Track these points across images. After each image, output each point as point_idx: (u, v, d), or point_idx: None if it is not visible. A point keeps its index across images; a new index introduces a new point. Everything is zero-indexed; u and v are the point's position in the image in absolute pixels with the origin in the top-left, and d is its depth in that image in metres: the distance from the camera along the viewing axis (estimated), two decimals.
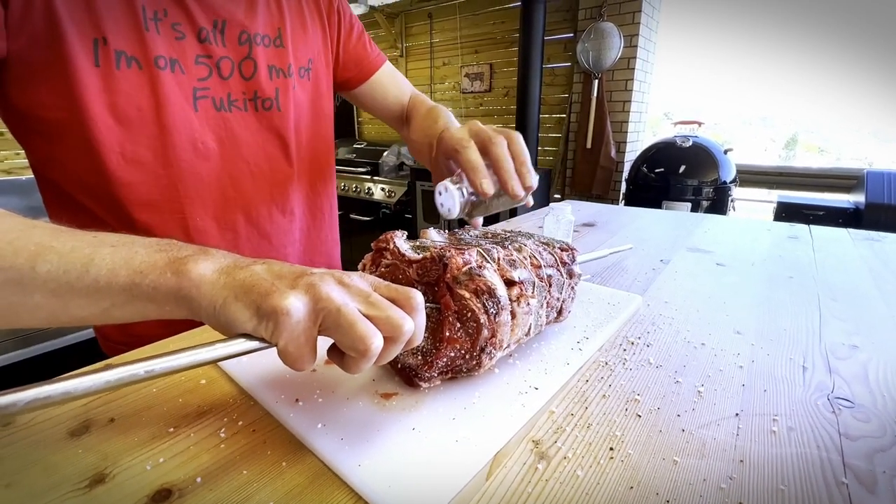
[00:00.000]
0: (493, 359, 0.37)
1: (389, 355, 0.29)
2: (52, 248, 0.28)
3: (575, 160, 2.86)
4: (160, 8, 0.48)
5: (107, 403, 0.38)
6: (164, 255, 0.29)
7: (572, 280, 0.46)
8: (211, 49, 0.52)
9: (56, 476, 0.30)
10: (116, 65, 0.45)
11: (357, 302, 0.28)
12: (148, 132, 0.49)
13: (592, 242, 0.87)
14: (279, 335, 0.27)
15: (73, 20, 0.43)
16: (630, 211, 1.17)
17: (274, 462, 0.31)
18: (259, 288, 0.27)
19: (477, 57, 3.40)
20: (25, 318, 0.29)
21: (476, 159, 0.44)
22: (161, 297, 0.28)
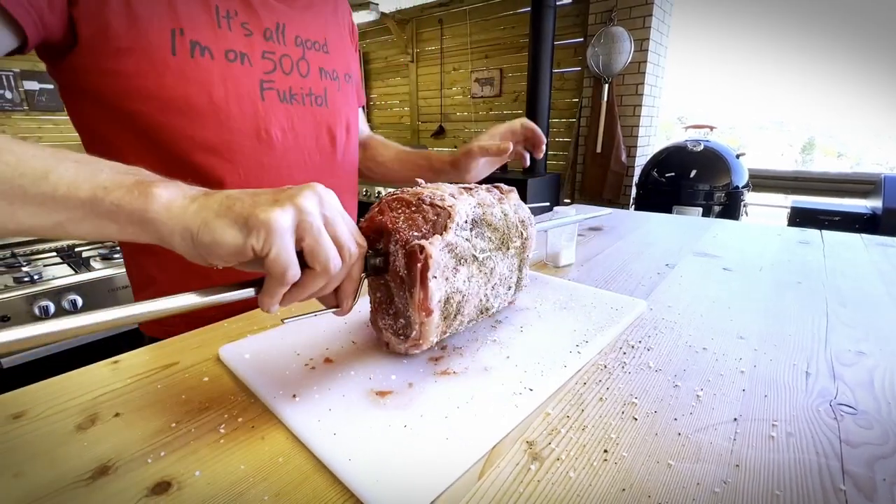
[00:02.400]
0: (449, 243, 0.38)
1: (338, 278, 0.33)
2: (12, 151, 0.28)
3: (585, 165, 2.85)
4: (231, 8, 0.52)
5: (114, 399, 0.39)
6: (132, 177, 0.29)
7: (505, 195, 0.47)
8: (274, 47, 0.56)
9: (62, 467, 0.31)
10: (191, 54, 0.48)
11: (327, 214, 0.31)
12: (216, 119, 0.51)
13: (598, 246, 0.86)
14: (270, 245, 0.28)
15: (153, 12, 0.46)
16: (638, 215, 1.17)
17: (271, 458, 0.32)
18: (241, 205, 0.29)
19: (487, 62, 3.41)
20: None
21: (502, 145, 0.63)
22: (124, 217, 0.28)
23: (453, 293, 0.38)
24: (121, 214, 0.29)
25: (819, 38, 13.04)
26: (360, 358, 0.43)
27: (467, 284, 0.40)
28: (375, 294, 0.43)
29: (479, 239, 0.40)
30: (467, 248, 0.39)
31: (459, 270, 0.38)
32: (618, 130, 2.62)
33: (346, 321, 0.50)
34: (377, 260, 0.38)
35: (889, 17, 20.98)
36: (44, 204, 0.28)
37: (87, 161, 0.30)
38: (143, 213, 0.28)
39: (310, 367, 0.42)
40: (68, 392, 0.40)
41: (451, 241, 0.37)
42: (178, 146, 0.51)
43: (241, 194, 0.30)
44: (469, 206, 0.40)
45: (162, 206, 0.28)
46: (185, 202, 0.29)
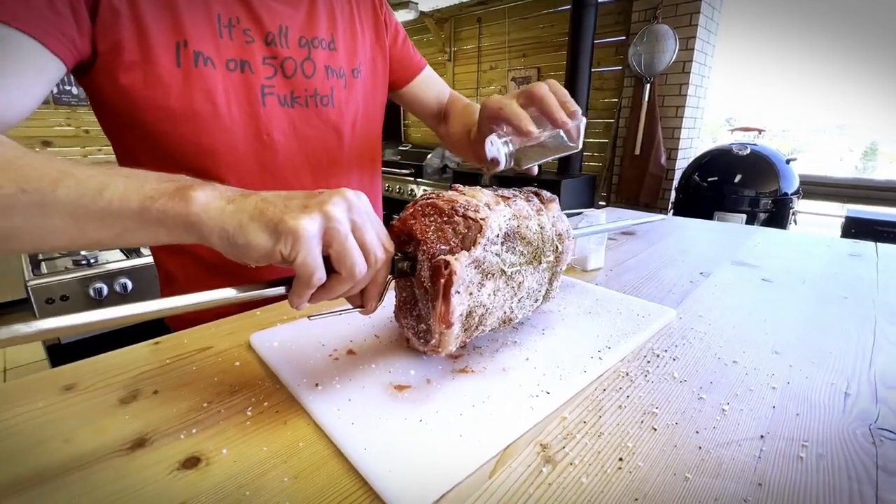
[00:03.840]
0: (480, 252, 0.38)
1: (364, 281, 0.34)
2: (72, 175, 0.31)
3: (622, 167, 2.77)
4: (234, 16, 0.53)
5: (153, 377, 0.42)
6: (173, 184, 0.31)
7: (545, 205, 0.47)
8: (276, 51, 0.57)
9: (105, 437, 0.34)
10: (195, 64, 0.50)
11: (355, 220, 0.32)
12: (219, 126, 0.54)
13: (629, 251, 0.84)
14: (297, 251, 0.29)
15: (159, 27, 0.48)
16: (674, 221, 1.13)
17: (292, 442, 0.33)
18: (273, 210, 0.30)
19: (524, 61, 3.38)
20: (49, 241, 0.32)
21: (518, 108, 0.48)
22: (170, 222, 0.30)
23: (476, 307, 0.38)
24: (167, 220, 0.31)
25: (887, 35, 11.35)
26: (382, 352, 0.44)
27: (492, 298, 0.40)
28: (402, 293, 0.44)
29: (509, 253, 0.40)
30: (495, 263, 0.39)
31: (485, 285, 0.38)
32: (658, 132, 2.53)
33: (371, 315, 0.52)
34: (405, 264, 0.39)
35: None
36: (103, 218, 0.31)
37: (135, 175, 0.32)
38: (185, 216, 0.30)
39: (333, 357, 0.43)
40: (114, 368, 0.43)
41: (479, 256, 0.37)
42: (183, 152, 0.53)
43: (275, 198, 0.31)
44: (503, 219, 0.40)
45: (200, 207, 0.30)
46: (221, 203, 0.31)
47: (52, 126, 3.10)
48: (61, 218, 0.31)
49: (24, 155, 0.32)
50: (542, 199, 0.47)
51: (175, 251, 0.63)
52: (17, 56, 0.39)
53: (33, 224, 0.31)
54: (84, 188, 0.30)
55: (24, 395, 0.38)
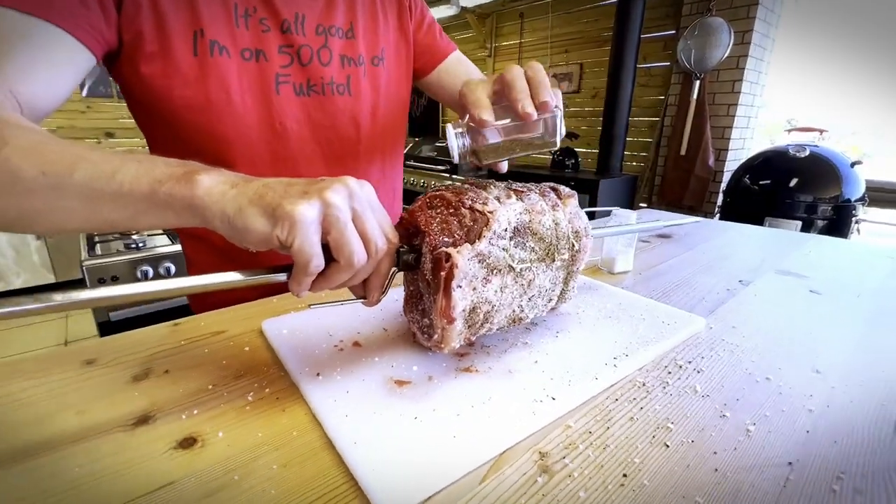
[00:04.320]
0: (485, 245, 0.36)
1: (365, 271, 0.34)
2: (88, 159, 0.32)
3: (666, 168, 2.64)
4: (251, 5, 0.54)
5: (167, 357, 0.43)
6: (182, 168, 0.32)
7: (562, 201, 0.44)
8: (292, 39, 0.57)
9: (115, 411, 0.35)
10: (210, 53, 0.52)
11: (356, 208, 0.32)
12: (233, 114, 0.55)
13: (662, 255, 0.80)
14: (293, 236, 0.29)
15: (177, 17, 0.50)
16: (717, 224, 1.06)
17: (287, 430, 0.33)
18: (272, 195, 0.30)
19: (566, 56, 3.29)
20: (66, 222, 0.33)
21: (475, 93, 0.40)
22: (177, 205, 0.31)
23: (481, 303, 0.37)
24: (174, 202, 0.31)
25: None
26: (388, 345, 0.44)
27: (499, 295, 0.38)
28: (409, 286, 0.43)
29: (518, 249, 0.39)
30: (502, 258, 0.37)
31: (491, 280, 0.37)
32: (706, 131, 2.39)
33: (381, 308, 0.51)
34: (410, 256, 0.38)
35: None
36: (115, 200, 0.32)
37: (147, 160, 0.33)
38: (190, 199, 0.31)
39: (339, 348, 0.43)
40: (133, 346, 0.45)
41: (483, 250, 0.35)
42: (199, 140, 0.54)
43: (277, 184, 0.31)
44: (514, 213, 0.38)
45: (204, 191, 0.30)
46: (225, 188, 0.31)
47: (116, 118, 3.33)
48: (77, 200, 0.32)
49: (47, 140, 0.33)
50: (559, 195, 0.44)
51: (192, 237, 0.66)
52: (48, 47, 0.41)
53: (51, 206, 0.32)
54: (98, 171, 0.31)
55: (50, 367, 0.41)
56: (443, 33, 0.76)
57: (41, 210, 0.32)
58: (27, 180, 0.31)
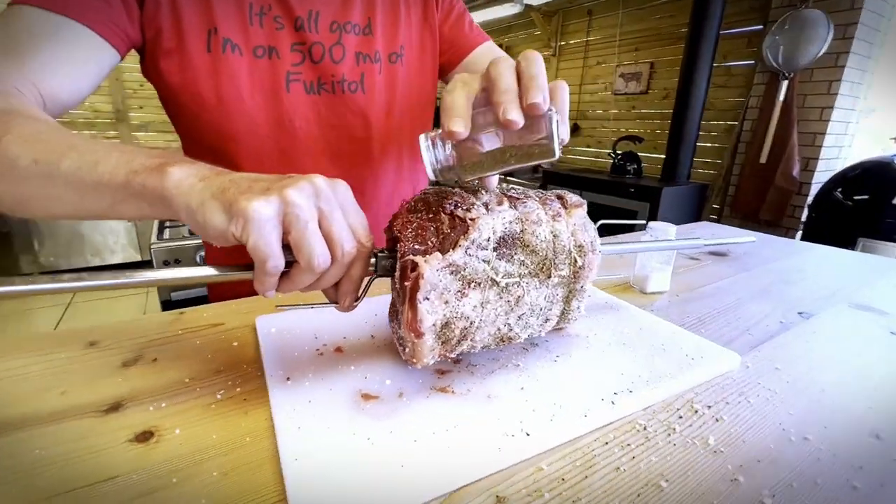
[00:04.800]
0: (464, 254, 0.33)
1: (333, 275, 0.32)
2: (77, 149, 0.33)
3: (742, 176, 2.40)
4: (265, 4, 0.55)
5: (160, 345, 0.44)
6: (158, 160, 0.31)
7: (567, 211, 0.39)
8: (305, 36, 0.57)
9: (94, 395, 0.36)
10: (223, 50, 0.53)
11: (323, 208, 0.30)
12: (242, 111, 0.56)
13: (711, 275, 0.70)
14: (247, 234, 0.28)
15: (193, 15, 0.51)
16: (789, 244, 0.92)
17: (242, 435, 0.32)
18: (233, 190, 0.28)
19: (636, 55, 3.10)
20: (55, 208, 0.34)
21: (451, 95, 0.33)
22: (149, 196, 0.31)
23: (455, 318, 0.33)
24: (146, 193, 0.31)
25: None
26: (369, 354, 0.42)
27: (478, 311, 0.34)
28: (393, 294, 0.41)
29: (504, 261, 0.35)
30: (482, 271, 0.34)
31: (467, 295, 0.33)
32: (793, 137, 2.13)
33: (376, 313, 0.50)
34: (388, 262, 0.35)
35: None
36: (96, 189, 0.32)
37: (130, 151, 0.33)
38: (160, 190, 0.30)
39: (319, 352, 0.42)
40: (134, 332, 0.46)
41: (457, 261, 0.32)
42: (210, 136, 0.55)
43: (242, 179, 0.30)
44: (501, 222, 0.35)
45: (174, 183, 0.30)
46: (193, 181, 0.30)
47: None
48: (64, 188, 0.33)
49: (47, 130, 0.35)
50: (564, 204, 0.40)
51: None
52: (73, 43, 0.44)
53: (42, 192, 0.33)
54: (83, 161, 0.32)
55: (55, 346, 0.43)
56: (473, 25, 0.72)
57: (34, 196, 0.34)
58: (22, 168, 0.33)
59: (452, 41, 0.70)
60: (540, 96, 0.31)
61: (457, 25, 0.70)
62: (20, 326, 2.44)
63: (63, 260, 3.13)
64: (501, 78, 0.31)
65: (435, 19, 0.68)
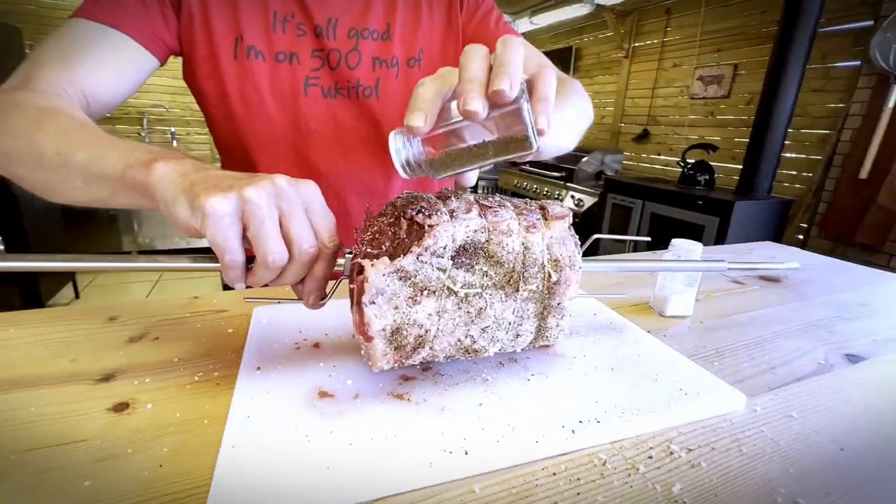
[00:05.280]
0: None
1: (293, 272, 0.33)
2: (90, 144, 0.37)
3: (836, 193, 2.12)
4: (289, 12, 0.58)
5: (167, 325, 0.48)
6: (150, 155, 0.34)
7: (547, 223, 0.37)
8: (324, 43, 0.60)
9: (95, 365, 0.40)
10: (247, 57, 0.57)
11: (283, 207, 0.31)
12: (262, 113, 0.60)
13: (752, 302, 0.63)
14: (205, 227, 0.29)
15: (222, 25, 0.56)
16: (865, 273, 0.80)
17: (201, 416, 0.34)
18: (199, 187, 0.30)
19: (718, 56, 2.85)
20: (73, 195, 0.39)
21: (420, 87, 0.32)
22: (138, 188, 0.33)
23: (408, 325, 0.33)
24: (136, 186, 0.34)
25: None
26: (343, 353, 0.42)
27: (434, 320, 0.34)
28: None
29: (463, 270, 0.34)
30: (437, 279, 0.33)
31: (420, 302, 0.33)
32: None
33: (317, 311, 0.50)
34: None
35: None
36: (99, 180, 0.36)
37: (131, 147, 0.36)
38: (145, 184, 0.33)
39: (297, 346, 0.43)
40: (150, 311, 0.51)
41: (407, 267, 0.32)
42: (233, 137, 0.59)
43: (213, 176, 0.32)
44: (463, 230, 0.33)
45: (157, 177, 0.33)
46: (174, 176, 0.33)
47: None
48: (78, 177, 0.37)
49: (73, 127, 0.40)
50: (545, 215, 0.38)
51: None
52: (115, 50, 0.49)
53: (62, 181, 0.38)
54: (92, 154, 0.36)
55: (81, 318, 0.49)
56: (501, 22, 0.70)
57: (56, 183, 0.39)
58: (48, 158, 0.37)
59: (476, 39, 0.69)
60: (505, 83, 0.29)
61: (482, 24, 0.69)
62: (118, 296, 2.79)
63: (158, 241, 3.53)
64: (467, 66, 0.30)
65: (459, 20, 0.67)
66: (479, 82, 0.30)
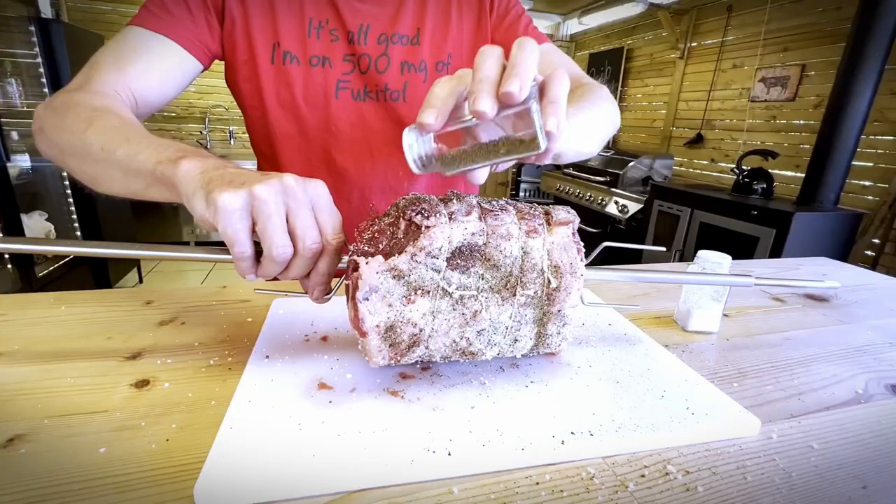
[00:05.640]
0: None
1: (298, 266, 0.34)
2: (129, 141, 0.40)
3: None
4: (324, 18, 0.61)
5: (194, 311, 0.52)
6: (179, 153, 0.37)
7: (550, 228, 0.36)
8: (355, 48, 0.63)
9: (127, 343, 0.44)
10: (283, 62, 0.60)
11: (290, 204, 0.32)
12: (295, 115, 0.63)
13: (786, 322, 0.58)
14: (217, 220, 0.32)
15: (261, 32, 0.59)
16: None
17: (210, 398, 0.37)
18: (215, 183, 0.32)
19: (784, 56, 2.65)
20: (114, 187, 0.42)
21: (436, 86, 0.33)
22: (166, 182, 0.36)
23: (401, 323, 0.34)
24: (165, 180, 0.37)
25: None
26: (347, 347, 0.44)
27: (428, 319, 0.34)
28: None
29: (458, 273, 0.34)
30: (431, 280, 0.33)
31: (414, 301, 0.33)
32: None
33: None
34: None
35: None
36: (135, 174, 0.40)
37: (164, 144, 0.39)
38: (172, 179, 0.36)
39: (306, 338, 0.45)
40: (182, 297, 0.55)
41: (401, 266, 0.32)
42: (267, 138, 0.62)
43: (230, 174, 0.34)
44: (460, 233, 0.34)
45: (181, 173, 0.35)
46: (195, 172, 0.35)
47: None
48: (118, 171, 0.41)
49: (118, 125, 0.44)
50: (549, 220, 0.37)
51: None
52: (163, 56, 0.54)
53: (104, 173, 0.42)
54: (131, 151, 0.40)
55: (122, 301, 0.54)
56: (531, 27, 0.70)
57: (100, 175, 0.43)
58: (94, 153, 0.42)
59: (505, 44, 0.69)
60: (515, 84, 0.29)
61: (510, 29, 0.69)
62: (175, 282, 3.01)
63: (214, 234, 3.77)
64: (481, 66, 0.31)
65: (488, 25, 0.68)
66: (491, 82, 0.30)
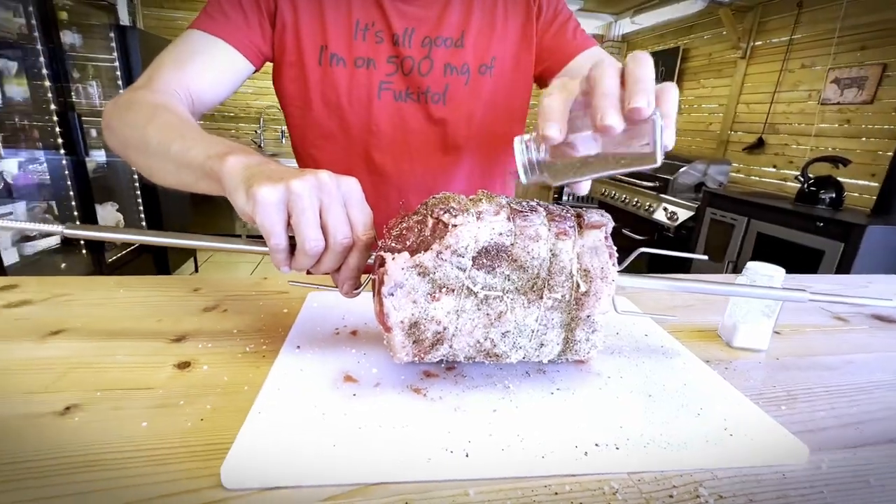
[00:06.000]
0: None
1: (329, 260, 0.35)
2: (183, 136, 0.43)
3: None
4: (370, 21, 0.63)
5: (237, 300, 0.54)
6: (227, 149, 0.39)
7: (581, 231, 0.35)
8: (399, 50, 0.64)
9: (174, 327, 0.47)
10: (330, 63, 0.62)
11: (323, 200, 0.34)
12: (339, 115, 0.65)
13: (847, 344, 0.53)
14: (255, 213, 0.33)
15: (310, 34, 0.62)
16: None
17: (243, 383, 0.38)
18: (255, 178, 0.34)
19: (861, 55, 2.44)
20: (168, 178, 0.45)
21: (549, 98, 0.33)
22: (214, 177, 0.38)
23: (425, 320, 0.34)
24: (212, 174, 0.39)
25: None
26: (375, 342, 0.44)
27: (452, 318, 0.34)
28: None
29: (484, 272, 0.34)
30: (456, 278, 0.33)
31: (439, 299, 0.33)
32: None
33: None
34: None
35: None
36: (187, 167, 0.42)
37: (214, 141, 0.42)
38: (218, 173, 0.38)
39: (336, 332, 0.46)
40: (226, 286, 0.58)
41: (427, 263, 0.32)
42: (311, 135, 0.65)
43: (270, 170, 0.36)
44: (487, 232, 0.34)
45: (226, 168, 0.37)
46: (239, 168, 0.37)
47: None
48: (171, 164, 0.44)
49: (175, 122, 0.47)
50: (580, 223, 0.36)
51: None
52: (218, 57, 0.57)
53: (160, 165, 0.45)
54: (183, 146, 0.43)
55: (175, 286, 0.57)
56: (578, 31, 0.69)
57: (156, 167, 0.46)
58: (152, 147, 0.45)
59: (554, 48, 0.69)
60: (644, 100, 0.29)
61: (559, 34, 0.68)
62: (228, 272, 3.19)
63: None
64: (602, 81, 0.30)
65: (534, 29, 0.67)
66: (615, 97, 0.30)
